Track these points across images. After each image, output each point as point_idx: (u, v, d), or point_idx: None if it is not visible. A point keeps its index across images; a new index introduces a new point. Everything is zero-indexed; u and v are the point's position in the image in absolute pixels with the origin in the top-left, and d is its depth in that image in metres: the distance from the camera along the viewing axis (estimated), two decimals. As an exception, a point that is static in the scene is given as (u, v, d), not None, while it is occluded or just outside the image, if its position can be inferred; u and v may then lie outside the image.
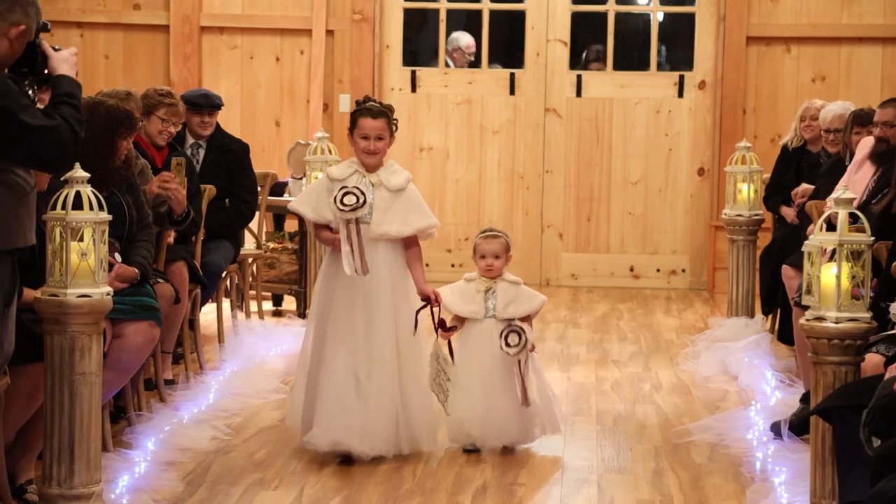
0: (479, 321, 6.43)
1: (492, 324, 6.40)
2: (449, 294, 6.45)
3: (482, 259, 6.51)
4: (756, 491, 5.77)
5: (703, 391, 7.80)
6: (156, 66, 11.60)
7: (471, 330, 6.44)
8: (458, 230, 11.75)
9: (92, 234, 5.16)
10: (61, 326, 5.14)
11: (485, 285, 6.47)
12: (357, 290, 6.17)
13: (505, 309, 6.41)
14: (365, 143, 6.27)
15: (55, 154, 4.65)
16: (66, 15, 11.66)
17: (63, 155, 4.67)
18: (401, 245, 6.30)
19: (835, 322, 5.07)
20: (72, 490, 5.19)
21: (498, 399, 6.33)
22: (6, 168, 4.60)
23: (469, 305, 6.44)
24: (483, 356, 6.38)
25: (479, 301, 6.45)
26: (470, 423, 6.33)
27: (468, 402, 6.33)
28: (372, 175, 6.27)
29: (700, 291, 11.52)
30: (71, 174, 5.22)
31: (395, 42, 11.75)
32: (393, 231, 6.23)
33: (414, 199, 6.35)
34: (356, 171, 6.27)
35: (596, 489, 5.91)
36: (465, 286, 6.51)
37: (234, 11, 11.66)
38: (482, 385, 6.36)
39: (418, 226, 6.30)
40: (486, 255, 6.51)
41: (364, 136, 6.27)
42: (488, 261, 6.50)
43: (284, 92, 11.68)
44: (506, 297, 6.45)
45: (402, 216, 6.26)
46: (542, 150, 11.73)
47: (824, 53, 11.45)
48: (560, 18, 11.66)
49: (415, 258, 6.33)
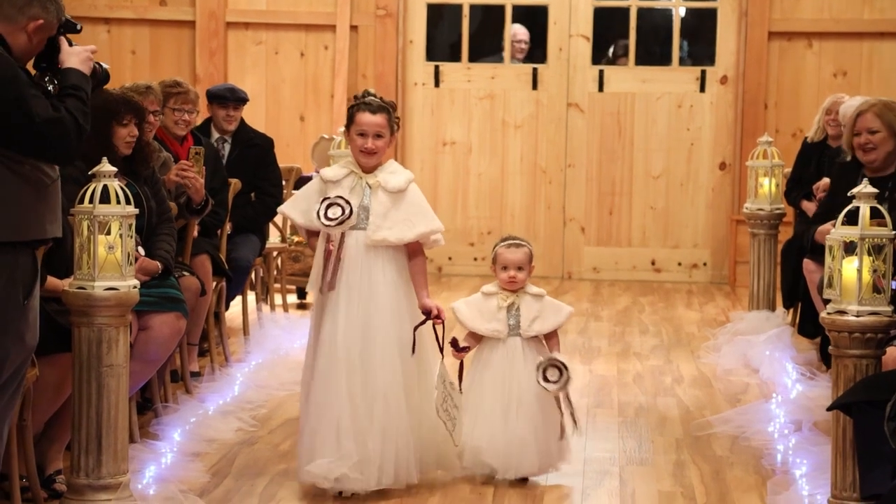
0: (501, 341, 5.78)
1: (516, 343, 5.76)
2: (465, 309, 5.83)
3: (504, 270, 5.82)
4: (777, 483, 5.75)
5: (724, 384, 7.79)
6: (182, 62, 11.62)
7: (493, 350, 5.79)
8: (481, 224, 11.75)
9: (119, 227, 5.17)
10: (89, 319, 5.15)
11: (507, 300, 5.80)
12: (355, 303, 5.52)
13: (530, 326, 5.79)
14: (362, 141, 5.59)
15: (58, 146, 4.61)
16: (94, 11, 11.68)
17: (66, 147, 4.62)
18: (403, 254, 5.62)
19: (856, 315, 5.05)
20: (99, 480, 5.20)
21: (522, 427, 5.70)
22: (24, 160, 4.60)
23: (490, 323, 5.78)
24: (507, 379, 5.75)
25: (501, 318, 5.79)
26: (490, 452, 5.71)
27: (488, 429, 5.71)
28: (369, 176, 5.59)
29: (721, 285, 11.50)
30: (98, 168, 5.24)
31: (418, 37, 11.74)
32: (393, 237, 5.54)
33: (416, 201, 5.68)
34: (352, 173, 5.60)
35: (618, 481, 5.90)
36: (485, 301, 5.84)
37: (259, 7, 11.67)
38: (505, 411, 5.72)
39: (421, 230, 5.62)
40: (508, 267, 5.82)
41: (361, 133, 5.59)
42: (511, 273, 5.81)
43: (309, 87, 11.69)
44: (530, 313, 5.81)
45: (403, 220, 5.58)
46: (564, 144, 11.72)
47: (846, 48, 11.41)
48: (582, 14, 11.64)
49: (418, 269, 5.64)
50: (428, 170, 11.75)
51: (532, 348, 5.80)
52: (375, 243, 5.50)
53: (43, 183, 4.69)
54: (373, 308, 5.49)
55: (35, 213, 4.68)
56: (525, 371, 5.70)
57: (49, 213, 4.74)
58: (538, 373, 5.64)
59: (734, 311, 9.91)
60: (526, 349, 5.76)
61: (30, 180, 4.64)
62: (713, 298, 10.85)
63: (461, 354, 5.68)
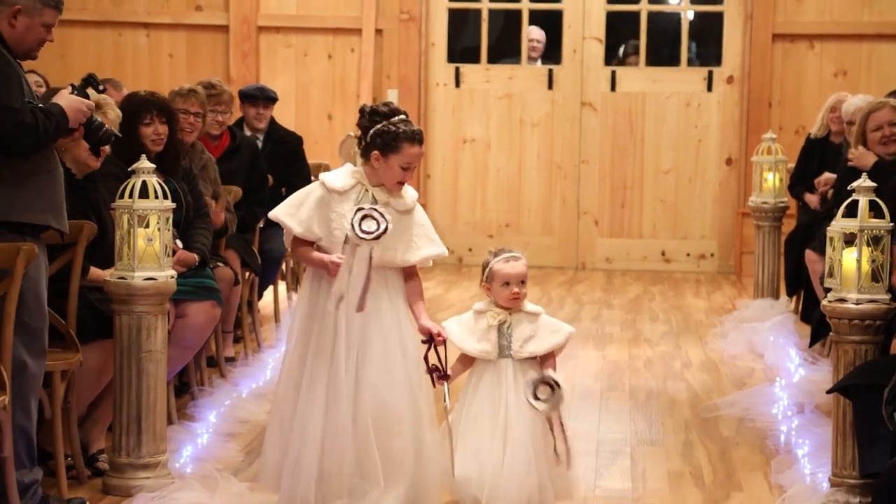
0: (491, 362, 4.95)
1: (507, 365, 4.91)
2: (456, 328, 5.00)
3: (505, 287, 4.96)
4: (780, 462, 5.75)
5: (730, 368, 7.77)
6: (216, 64, 11.63)
7: (483, 372, 4.95)
8: (499, 217, 11.76)
9: (157, 221, 5.19)
10: (129, 307, 5.18)
11: (497, 318, 4.95)
12: (353, 327, 4.76)
13: (523, 346, 4.93)
14: (403, 175, 4.87)
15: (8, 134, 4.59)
16: (134, 16, 11.71)
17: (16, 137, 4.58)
18: (400, 274, 4.90)
19: (855, 303, 5.04)
20: (139, 459, 5.23)
21: (514, 456, 4.85)
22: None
23: (479, 343, 4.94)
24: (496, 405, 4.90)
25: (491, 337, 4.94)
26: (478, 483, 4.88)
27: (476, 459, 4.88)
28: (378, 190, 4.86)
29: (728, 275, 11.47)
30: (137, 165, 5.26)
31: (440, 40, 11.74)
32: (398, 258, 4.84)
33: (422, 222, 4.93)
34: (359, 184, 4.88)
35: (629, 460, 5.90)
36: (476, 319, 5.00)
37: (289, 12, 11.68)
38: (495, 438, 4.87)
39: (426, 254, 4.90)
40: (510, 282, 4.96)
41: (406, 167, 4.86)
42: (514, 288, 4.95)
43: (336, 87, 11.69)
44: (523, 332, 4.94)
45: (409, 241, 4.87)
46: (578, 141, 11.70)
47: (846, 49, 11.37)
48: (595, 17, 11.62)
49: (416, 291, 4.90)
50: (449, 166, 11.76)
51: (525, 371, 4.93)
52: (383, 263, 4.79)
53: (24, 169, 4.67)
54: (374, 331, 4.78)
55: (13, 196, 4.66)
56: (516, 396, 4.86)
57: (40, 201, 4.71)
58: (528, 390, 4.80)
59: (740, 299, 9.90)
60: (518, 372, 4.90)
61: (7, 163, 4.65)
62: (720, 287, 10.83)
63: (441, 383, 4.79)
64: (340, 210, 4.80)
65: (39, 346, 4.77)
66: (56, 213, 4.79)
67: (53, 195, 4.77)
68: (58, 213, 4.79)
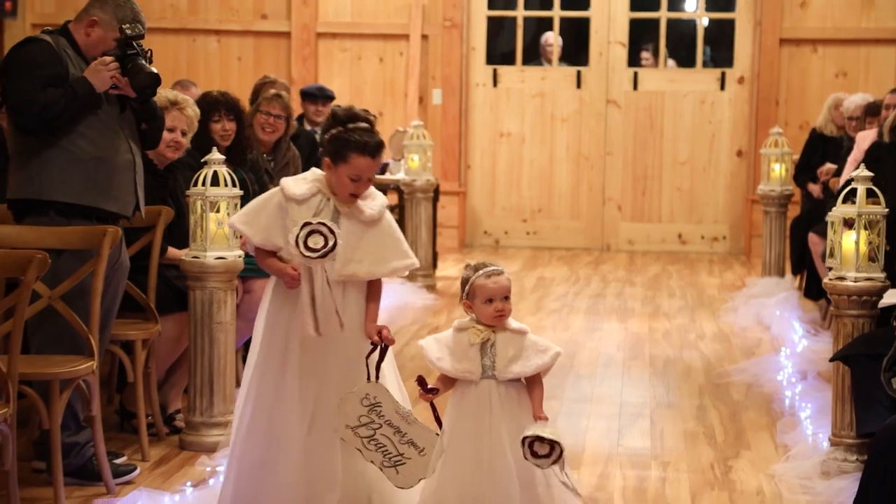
0: (473, 383, 4.01)
1: (490, 387, 4.00)
2: (435, 347, 4.07)
3: (489, 303, 4.02)
4: (785, 423, 5.73)
5: (740, 339, 7.74)
6: (279, 67, 11.64)
7: (465, 394, 4.03)
8: (532, 203, 11.74)
9: (227, 206, 5.21)
10: (202, 283, 5.20)
11: (480, 336, 4.03)
12: (318, 342, 4.02)
13: (507, 367, 4.00)
14: (353, 187, 4.04)
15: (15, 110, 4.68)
16: (206, 24, 11.74)
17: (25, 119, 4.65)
18: (365, 285, 4.12)
19: (854, 281, 5.01)
20: (211, 419, 5.26)
21: (498, 484, 3.96)
22: (63, 133, 4.67)
23: (461, 363, 4.02)
24: (479, 429, 3.99)
25: (473, 357, 4.02)
26: None
27: (457, 486, 3.98)
28: (339, 199, 4.06)
29: (738, 255, 11.42)
30: (209, 157, 5.28)
31: (479, 44, 11.71)
32: (362, 272, 4.04)
33: (389, 231, 4.10)
34: (320, 192, 4.05)
35: (649, 422, 5.88)
36: (457, 337, 4.06)
37: (344, 20, 11.68)
38: (478, 464, 3.97)
39: (394, 266, 4.10)
40: (494, 298, 4.02)
41: (355, 179, 4.03)
42: (498, 305, 4.01)
43: (386, 87, 11.69)
44: (507, 352, 4.02)
45: (376, 253, 4.06)
46: (603, 135, 11.66)
47: (846, 53, 11.27)
48: (619, 23, 11.57)
49: (373, 296, 4.11)
50: (487, 157, 11.74)
51: (509, 394, 4.03)
52: (343, 278, 4.02)
53: (77, 156, 4.70)
54: (341, 348, 4.04)
55: (69, 179, 4.68)
56: (501, 421, 3.99)
57: (93, 186, 4.72)
58: (525, 448, 3.89)
59: (749, 277, 9.85)
60: (503, 394, 4.01)
61: (65, 150, 4.68)
62: (731, 267, 10.78)
63: (429, 396, 4.01)
64: (298, 219, 4.00)
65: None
66: (107, 195, 4.75)
67: (105, 179, 4.75)
68: (110, 196, 4.76)
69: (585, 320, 8.31)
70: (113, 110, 4.79)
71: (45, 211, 4.70)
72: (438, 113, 11.60)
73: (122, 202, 4.80)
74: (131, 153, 4.84)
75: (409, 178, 9.32)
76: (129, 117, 4.86)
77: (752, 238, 11.26)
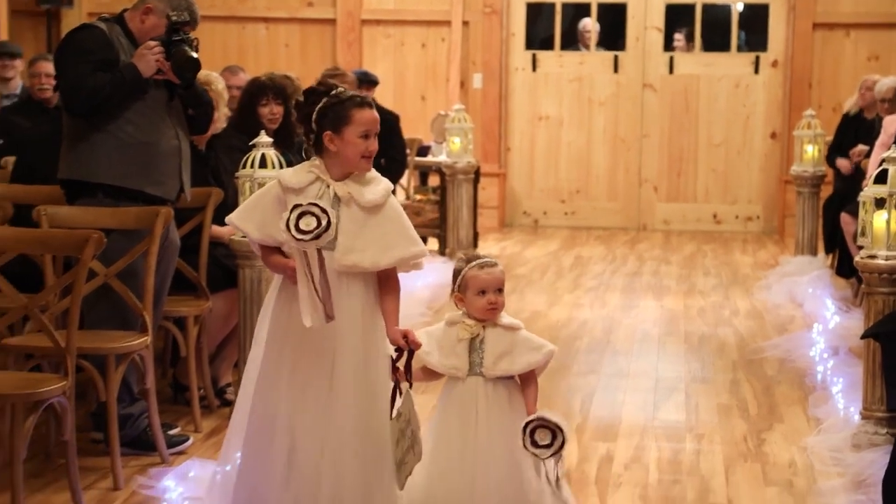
0: (460, 380, 3.78)
1: (477, 384, 3.75)
2: (426, 341, 3.78)
3: (481, 295, 3.77)
4: (817, 398, 5.70)
5: (773, 316, 7.70)
6: (325, 53, 11.67)
7: (451, 390, 3.79)
8: (570, 184, 11.71)
9: (275, 187, 5.22)
10: (251, 262, 5.22)
11: (469, 331, 3.78)
12: (319, 339, 3.60)
13: (496, 364, 3.75)
14: (366, 144, 3.68)
15: (68, 101, 4.73)
16: (255, 12, 11.79)
17: (73, 104, 4.71)
18: (373, 278, 3.70)
19: (885, 259, 4.97)
20: (260, 392, 5.28)
21: (486, 483, 3.71)
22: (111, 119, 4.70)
23: (448, 359, 3.78)
24: (466, 428, 3.74)
25: (460, 352, 3.78)
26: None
27: (443, 482, 3.74)
28: (339, 185, 3.67)
29: (772, 234, 11.35)
30: (257, 140, 5.30)
31: (518, 30, 11.68)
32: (366, 262, 3.64)
33: (395, 218, 3.70)
34: (318, 179, 3.69)
35: (683, 396, 5.87)
36: (447, 331, 3.83)
37: (388, 7, 11.68)
38: (464, 462, 3.74)
39: (399, 255, 3.68)
40: (487, 290, 3.77)
41: (365, 135, 3.68)
42: (490, 297, 3.77)
43: (429, 72, 11.69)
44: (497, 348, 3.77)
45: (379, 241, 3.66)
46: (640, 118, 11.61)
47: (878, 37, 11.17)
48: (656, 9, 11.51)
49: (391, 307, 3.70)
50: (526, 139, 11.73)
51: (498, 392, 3.77)
52: (345, 269, 3.62)
53: (124, 141, 4.73)
54: (341, 343, 3.63)
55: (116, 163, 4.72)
56: (488, 419, 3.74)
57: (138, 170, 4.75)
58: (525, 436, 3.62)
59: (782, 256, 9.79)
60: (490, 392, 3.76)
61: (112, 135, 4.72)
62: (765, 246, 10.72)
63: (400, 376, 3.61)
64: None
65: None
66: (152, 179, 4.78)
67: (151, 164, 4.78)
68: (154, 180, 4.79)
69: (622, 298, 8.30)
70: (161, 97, 4.82)
71: (94, 193, 4.76)
72: (479, 97, 11.59)
73: (166, 186, 4.84)
74: (178, 139, 4.87)
75: (451, 160, 9.33)
76: (176, 105, 4.90)
77: (785, 218, 11.19)
